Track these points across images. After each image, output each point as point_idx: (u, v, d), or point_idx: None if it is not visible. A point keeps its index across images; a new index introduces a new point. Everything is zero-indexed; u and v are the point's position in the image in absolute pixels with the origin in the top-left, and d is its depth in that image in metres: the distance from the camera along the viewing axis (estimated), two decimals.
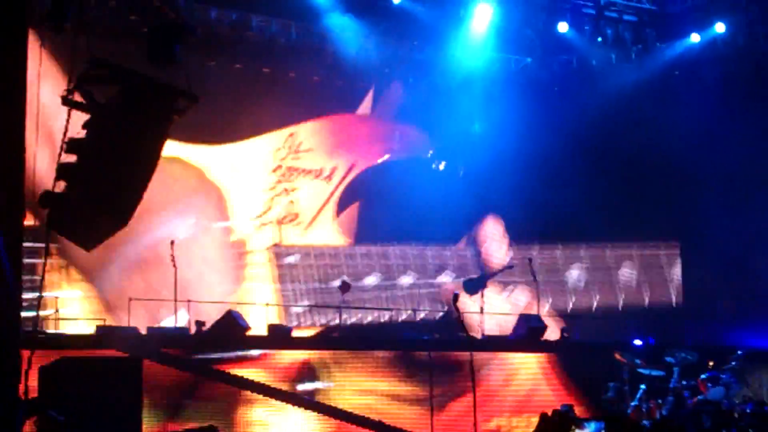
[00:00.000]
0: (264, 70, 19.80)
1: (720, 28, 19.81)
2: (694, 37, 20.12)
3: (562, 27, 19.97)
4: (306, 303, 19.73)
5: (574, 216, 20.23)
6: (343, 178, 20.65)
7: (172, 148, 17.13)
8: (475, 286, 18.63)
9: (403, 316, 19.90)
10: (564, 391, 17.71)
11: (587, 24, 20.25)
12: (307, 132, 20.37)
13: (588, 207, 20.00)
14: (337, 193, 20.55)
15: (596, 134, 20.83)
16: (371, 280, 20.41)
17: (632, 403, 16.19)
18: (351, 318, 19.63)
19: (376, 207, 20.61)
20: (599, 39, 20.38)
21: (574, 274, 21.62)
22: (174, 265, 16.31)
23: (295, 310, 19.69)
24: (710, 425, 15.11)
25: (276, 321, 18.29)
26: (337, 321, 18.67)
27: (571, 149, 20.80)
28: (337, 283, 19.08)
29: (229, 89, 18.72)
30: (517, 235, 21.50)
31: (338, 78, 20.48)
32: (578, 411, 15.84)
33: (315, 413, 15.98)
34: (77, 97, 8.99)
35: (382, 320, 20.05)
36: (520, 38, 20.71)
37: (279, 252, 19.94)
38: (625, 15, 20.37)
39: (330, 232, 20.48)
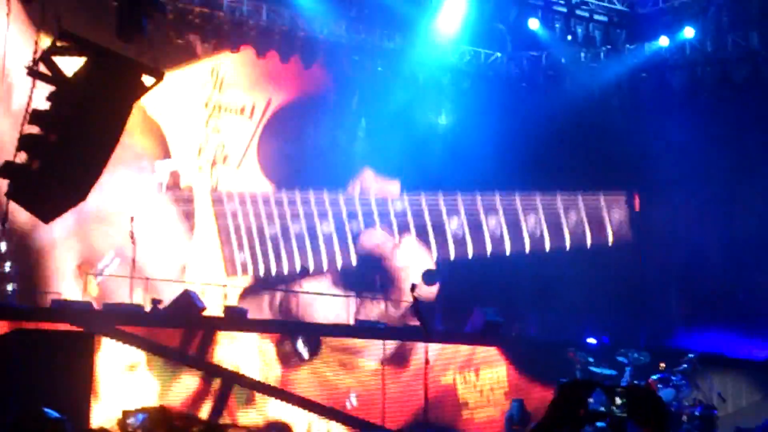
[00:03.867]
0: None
1: (689, 32, 19.90)
2: (663, 40, 20.20)
3: (533, 23, 20.01)
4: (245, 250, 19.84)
5: None
6: (262, 115, 20.50)
7: None
8: (433, 278, 18.67)
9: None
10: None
11: (558, 21, 20.31)
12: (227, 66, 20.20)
13: None
14: (259, 131, 20.33)
15: (561, 131, 20.89)
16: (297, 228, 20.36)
17: None
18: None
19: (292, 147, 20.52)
20: (569, 37, 20.45)
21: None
22: (133, 242, 16.23)
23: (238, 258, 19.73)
24: None
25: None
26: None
27: (534, 145, 20.83)
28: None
29: None
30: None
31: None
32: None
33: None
34: (43, 69, 8.92)
35: None
36: (491, 32, 20.75)
37: (216, 198, 19.87)
38: (595, 14, 20.42)
39: (256, 175, 20.32)
